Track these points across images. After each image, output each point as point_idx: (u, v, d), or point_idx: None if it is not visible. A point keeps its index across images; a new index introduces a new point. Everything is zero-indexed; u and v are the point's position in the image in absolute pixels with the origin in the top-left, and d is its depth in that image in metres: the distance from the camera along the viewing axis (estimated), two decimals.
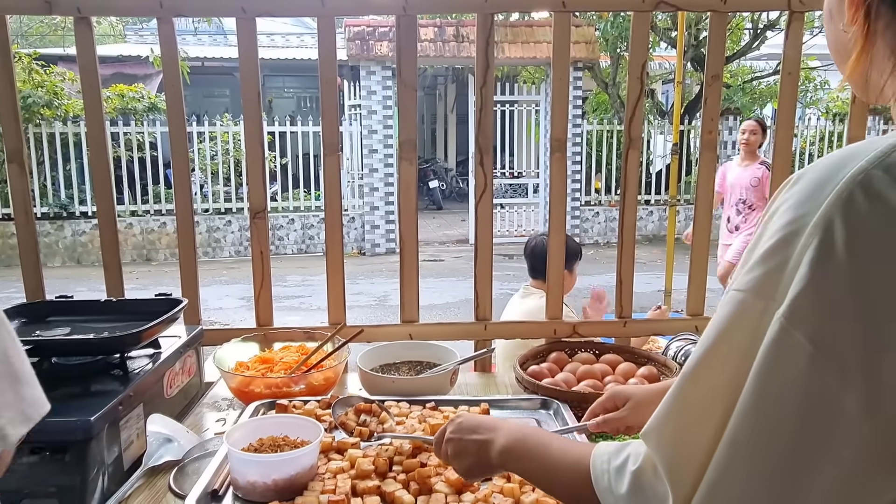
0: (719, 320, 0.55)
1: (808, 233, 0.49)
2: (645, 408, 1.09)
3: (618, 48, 10.41)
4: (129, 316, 1.39)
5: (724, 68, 1.60)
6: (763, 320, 0.51)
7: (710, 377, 0.55)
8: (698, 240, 1.68)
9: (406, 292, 1.66)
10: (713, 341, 0.55)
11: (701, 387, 0.55)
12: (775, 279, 0.51)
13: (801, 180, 0.53)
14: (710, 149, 1.63)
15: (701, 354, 0.56)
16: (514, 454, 0.80)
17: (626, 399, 1.11)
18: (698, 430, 0.54)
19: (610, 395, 1.14)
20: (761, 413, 0.50)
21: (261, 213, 1.61)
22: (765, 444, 0.50)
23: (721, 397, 0.53)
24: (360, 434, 1.13)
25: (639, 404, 1.10)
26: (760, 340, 0.50)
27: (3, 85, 1.51)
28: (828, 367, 0.47)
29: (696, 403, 0.56)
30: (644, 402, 1.10)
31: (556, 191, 1.63)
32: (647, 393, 1.12)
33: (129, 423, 1.16)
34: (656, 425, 0.59)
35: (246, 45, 1.54)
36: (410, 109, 1.58)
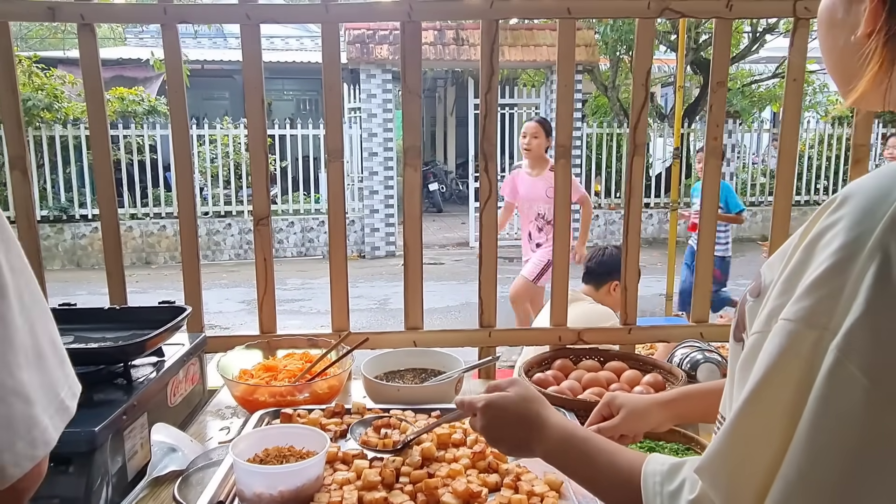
0: (770, 353, 0.53)
1: (863, 258, 0.47)
2: (638, 418, 1.08)
3: (617, 51, 10.43)
4: (132, 324, 1.39)
5: (727, 77, 1.59)
6: (817, 351, 0.49)
7: (763, 411, 0.53)
8: (703, 246, 1.68)
9: (410, 299, 1.65)
10: (765, 375, 0.53)
11: (755, 421, 0.54)
12: (829, 308, 0.49)
13: (849, 202, 0.51)
14: (716, 155, 1.63)
15: (753, 388, 0.54)
16: (559, 452, 0.80)
17: (619, 407, 1.11)
18: (754, 465, 0.53)
19: (604, 403, 1.13)
20: (817, 447, 0.49)
21: (264, 219, 1.60)
22: (821, 480, 0.48)
23: (776, 431, 0.52)
24: (384, 446, 1.10)
25: (631, 413, 1.09)
26: (815, 372, 0.49)
27: (6, 91, 1.50)
28: (884, 401, 0.46)
29: (750, 438, 0.54)
30: (637, 412, 1.09)
31: (561, 197, 1.63)
32: (639, 402, 1.11)
33: (133, 432, 1.16)
34: (711, 461, 0.57)
35: (250, 51, 1.53)
36: (415, 115, 1.57)
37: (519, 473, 1.05)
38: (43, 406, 0.55)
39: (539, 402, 0.86)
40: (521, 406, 0.85)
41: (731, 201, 5.07)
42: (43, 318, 0.59)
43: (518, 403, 0.85)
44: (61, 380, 0.59)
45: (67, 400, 0.59)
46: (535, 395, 0.87)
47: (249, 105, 1.56)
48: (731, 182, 10.41)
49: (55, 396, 0.57)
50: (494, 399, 0.87)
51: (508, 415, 0.85)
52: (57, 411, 0.57)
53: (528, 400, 0.86)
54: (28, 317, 0.55)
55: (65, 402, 0.58)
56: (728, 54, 1.58)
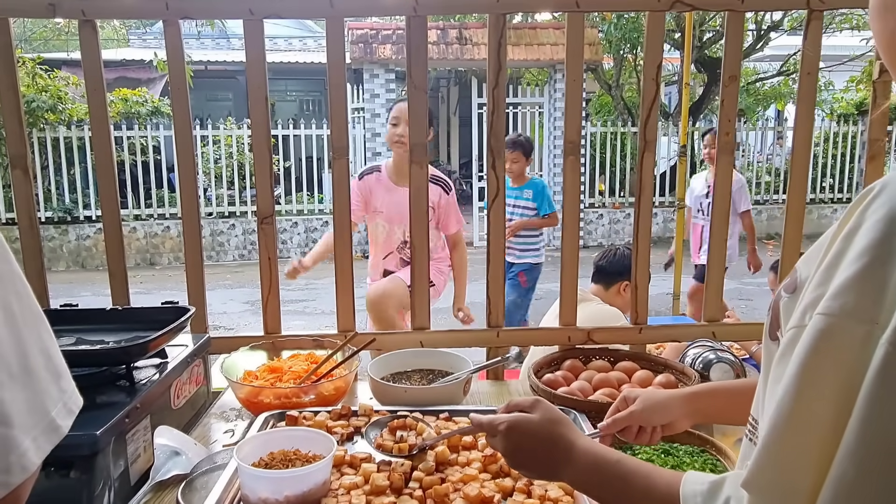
0: (807, 351, 0.50)
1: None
2: (655, 409, 1.06)
3: (621, 50, 10.39)
4: (135, 325, 1.37)
5: (739, 72, 1.56)
6: (866, 347, 0.47)
7: (807, 414, 0.50)
8: (715, 244, 1.65)
9: (417, 299, 1.63)
10: (804, 375, 0.50)
11: (798, 425, 0.51)
12: (875, 301, 0.47)
13: (885, 192, 0.49)
14: (728, 151, 1.59)
15: (793, 390, 0.51)
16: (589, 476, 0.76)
17: (634, 399, 1.10)
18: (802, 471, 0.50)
19: (622, 398, 1.12)
20: (870, 447, 0.46)
21: (268, 217, 1.58)
22: (875, 481, 0.46)
23: (822, 433, 0.49)
24: (399, 451, 1.07)
25: (648, 403, 1.07)
26: (863, 369, 0.46)
27: (7, 89, 1.48)
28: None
29: (795, 443, 0.51)
30: (655, 403, 1.07)
31: (570, 194, 1.60)
32: (658, 394, 1.10)
33: (136, 435, 1.13)
34: (756, 473, 0.54)
35: (253, 46, 1.51)
36: (421, 112, 1.55)
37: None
38: (25, 427, 0.50)
39: (565, 425, 0.82)
40: (546, 429, 0.81)
41: (545, 202, 4.29)
42: (35, 329, 0.54)
43: (543, 426, 0.81)
44: (54, 397, 0.54)
45: (60, 419, 0.54)
46: (560, 416, 0.83)
47: (253, 100, 1.54)
48: None
49: (43, 416, 0.53)
50: (518, 421, 0.82)
51: (533, 439, 0.81)
52: (43, 432, 0.52)
53: (554, 422, 0.82)
54: (14, 328, 0.51)
55: (55, 422, 0.54)
56: (740, 48, 1.55)
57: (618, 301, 2.75)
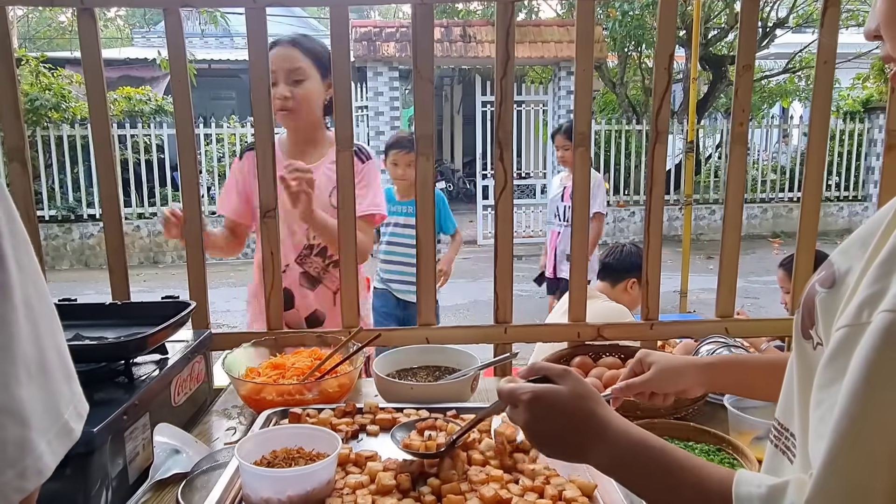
0: (875, 350, 0.47)
1: None
2: (671, 376, 1.05)
3: (625, 47, 10.34)
4: (134, 320, 1.33)
5: (754, 61, 1.52)
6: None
7: (878, 418, 0.47)
8: (729, 238, 1.61)
9: (423, 295, 1.59)
10: (873, 376, 0.47)
11: (869, 430, 0.47)
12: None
13: None
14: (741, 142, 1.55)
15: (861, 394, 0.47)
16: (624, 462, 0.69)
17: (650, 364, 1.07)
18: (872, 478, 0.47)
19: (637, 360, 1.10)
20: None
21: (271, 211, 1.55)
22: None
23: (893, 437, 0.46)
24: (427, 448, 1.02)
25: (663, 371, 1.05)
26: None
27: (4, 79, 1.45)
28: None
29: (866, 450, 0.48)
30: (670, 370, 1.05)
31: (581, 188, 1.56)
32: (674, 361, 1.07)
33: (135, 433, 1.10)
34: (822, 486, 0.50)
35: (256, 36, 1.48)
36: (427, 103, 1.51)
37: (548, 476, 0.99)
38: (41, 429, 0.47)
39: (597, 401, 0.74)
40: (576, 403, 0.72)
41: (446, 220, 3.57)
42: (51, 325, 0.52)
43: (572, 400, 0.73)
44: (66, 398, 0.52)
45: (72, 422, 0.51)
46: (591, 391, 0.75)
47: (255, 93, 1.50)
48: None
49: (58, 418, 0.50)
50: (544, 392, 0.74)
51: (560, 413, 0.73)
52: (57, 435, 0.49)
53: (584, 397, 0.73)
54: (34, 323, 0.48)
55: (69, 425, 0.51)
56: (755, 36, 1.51)
57: (625, 298, 2.71)
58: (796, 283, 1.63)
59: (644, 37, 10.06)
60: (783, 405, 0.71)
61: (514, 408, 0.77)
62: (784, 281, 2.96)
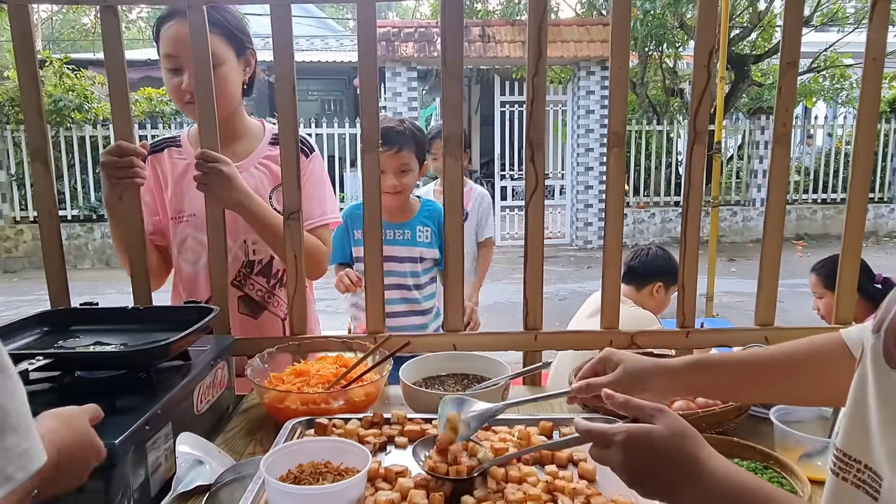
0: None
1: None
2: (636, 382, 0.96)
3: (646, 47, 10.21)
4: (157, 325, 1.30)
5: (798, 56, 1.45)
6: None
7: None
8: (770, 242, 1.54)
9: (450, 299, 1.54)
10: None
11: None
12: None
13: None
14: (784, 143, 1.48)
15: None
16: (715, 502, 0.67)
17: (615, 364, 1.00)
18: None
19: (599, 359, 1.03)
20: None
21: (295, 213, 1.50)
22: None
23: None
24: (457, 473, 0.95)
25: (628, 374, 0.97)
26: None
27: (27, 80, 1.43)
28: None
29: None
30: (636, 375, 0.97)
31: (614, 190, 1.50)
32: (640, 365, 0.99)
33: (157, 443, 1.06)
34: None
35: (280, 34, 1.44)
36: (456, 100, 1.46)
37: (589, 495, 0.93)
38: None
39: (694, 440, 0.72)
40: (673, 444, 0.71)
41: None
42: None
43: (669, 440, 0.71)
44: None
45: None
46: (687, 429, 0.73)
47: (280, 91, 1.46)
48: (764, 180, 10.12)
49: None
50: (639, 433, 0.73)
51: (655, 454, 0.71)
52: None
53: (681, 436, 0.72)
54: None
55: None
56: (800, 30, 1.44)
57: (650, 303, 2.63)
58: (840, 290, 1.56)
59: (665, 36, 9.92)
60: (852, 437, 0.65)
61: (605, 448, 0.75)
62: (816, 286, 2.87)
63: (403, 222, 2.23)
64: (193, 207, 1.57)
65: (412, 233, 2.23)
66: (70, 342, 1.24)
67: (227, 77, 1.53)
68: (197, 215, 1.56)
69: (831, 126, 10.85)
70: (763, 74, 11.83)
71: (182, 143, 1.64)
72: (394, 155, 2.12)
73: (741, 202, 10.42)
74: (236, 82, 1.57)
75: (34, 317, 1.30)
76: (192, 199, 1.56)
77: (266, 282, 1.63)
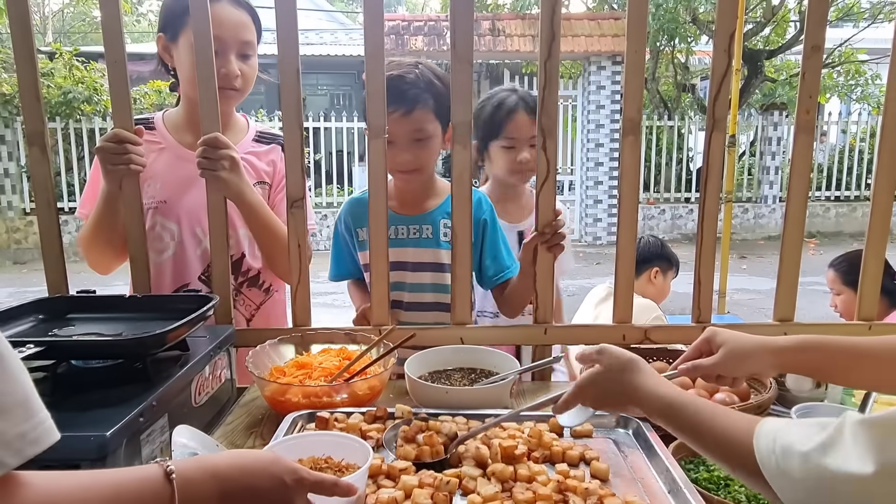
0: None
1: None
2: (740, 359, 1.02)
3: (657, 41, 10.10)
4: (154, 314, 1.26)
5: (823, 41, 1.39)
6: None
7: None
8: (790, 236, 1.48)
9: (458, 291, 1.50)
10: None
11: None
12: None
13: None
14: (808, 131, 1.42)
15: None
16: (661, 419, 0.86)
17: (719, 345, 1.03)
18: None
19: (704, 338, 1.07)
20: None
21: (299, 201, 1.46)
22: None
23: None
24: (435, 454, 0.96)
25: (732, 353, 1.02)
26: None
27: (23, 61, 1.39)
28: None
29: None
30: (739, 352, 1.01)
31: (629, 178, 1.45)
32: (745, 342, 1.02)
33: (152, 436, 1.02)
34: None
35: (285, 20, 1.39)
36: (465, 87, 1.41)
37: (602, 496, 0.89)
38: None
39: (631, 370, 0.91)
40: (610, 376, 0.92)
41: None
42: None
43: (607, 374, 0.93)
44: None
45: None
46: (626, 362, 0.92)
47: (284, 78, 1.42)
48: (776, 176, 10.00)
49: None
50: (585, 378, 0.95)
51: (604, 387, 0.93)
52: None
53: (619, 370, 0.92)
54: None
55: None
56: (826, 13, 1.38)
57: (649, 290, 2.61)
58: (864, 288, 1.50)
59: (677, 31, 9.81)
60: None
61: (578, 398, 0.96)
62: (834, 283, 2.80)
63: (421, 215, 1.59)
64: (164, 194, 1.51)
65: (434, 230, 1.57)
66: (66, 330, 1.21)
67: (256, 67, 1.54)
68: (167, 203, 1.51)
69: (845, 123, 10.70)
70: (776, 70, 11.68)
71: (156, 125, 1.57)
72: (403, 117, 1.48)
73: (753, 199, 10.29)
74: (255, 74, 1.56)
75: (30, 304, 1.26)
76: (164, 185, 1.51)
77: (234, 279, 1.55)
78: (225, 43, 1.43)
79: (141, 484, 0.64)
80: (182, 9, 1.40)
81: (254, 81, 1.54)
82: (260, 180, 1.56)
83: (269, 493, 0.71)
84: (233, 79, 1.46)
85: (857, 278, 1.53)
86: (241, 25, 1.47)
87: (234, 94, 1.50)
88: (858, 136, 10.27)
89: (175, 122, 1.56)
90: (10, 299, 6.68)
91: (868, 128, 10.19)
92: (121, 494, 0.62)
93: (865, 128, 10.26)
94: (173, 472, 0.65)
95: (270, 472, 0.73)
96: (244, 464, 0.72)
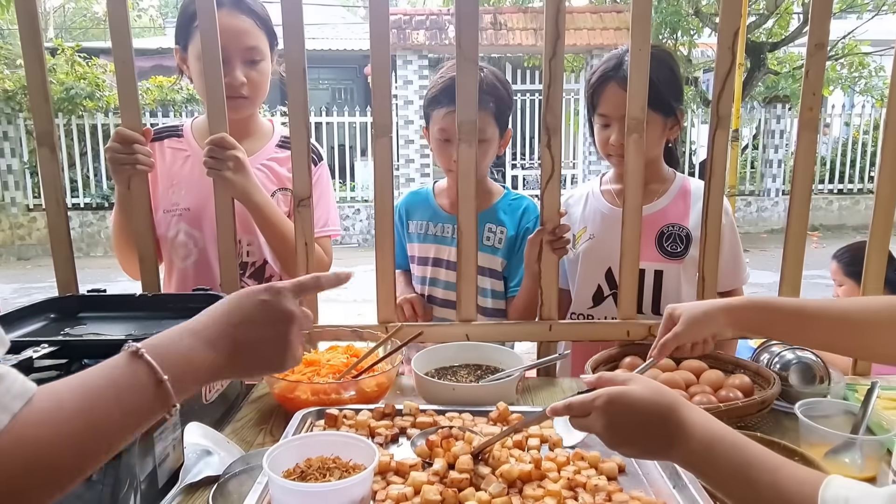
0: None
1: None
2: (700, 323, 1.08)
3: (661, 35, 10.06)
4: (165, 312, 1.28)
5: (827, 38, 1.40)
6: None
7: None
8: (794, 231, 1.49)
9: (464, 288, 1.51)
10: None
11: None
12: None
13: None
14: (811, 128, 1.43)
15: None
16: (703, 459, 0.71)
17: (678, 316, 1.11)
18: None
19: (666, 316, 1.14)
20: None
21: (305, 200, 1.47)
22: None
23: None
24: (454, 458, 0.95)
25: (691, 319, 1.09)
26: None
27: (32, 61, 1.40)
28: None
29: None
30: (697, 317, 1.09)
31: (634, 176, 1.46)
32: (699, 306, 1.11)
33: (165, 433, 1.04)
34: None
35: (290, 18, 1.40)
36: (470, 86, 1.42)
37: (610, 492, 0.90)
38: None
39: (673, 397, 0.74)
40: (652, 401, 0.73)
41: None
42: None
43: (647, 398, 0.73)
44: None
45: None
46: (664, 388, 0.76)
47: (290, 71, 1.43)
48: (779, 169, 9.98)
49: None
50: (619, 394, 0.73)
51: (639, 413, 0.72)
52: None
53: (659, 393, 0.74)
54: None
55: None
56: (830, 10, 1.38)
57: None
58: (867, 280, 1.50)
59: (680, 24, 9.76)
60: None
61: (585, 416, 0.76)
62: (837, 273, 2.81)
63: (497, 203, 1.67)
64: (188, 201, 1.53)
65: (479, 231, 1.57)
66: (77, 329, 1.22)
67: (266, 72, 1.52)
68: (192, 210, 1.53)
69: (849, 115, 10.67)
70: (779, 63, 11.63)
71: (184, 133, 1.59)
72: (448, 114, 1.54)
73: (755, 192, 10.28)
74: (268, 80, 1.54)
75: (41, 303, 1.28)
76: (189, 192, 1.53)
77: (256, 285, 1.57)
78: (227, 52, 1.42)
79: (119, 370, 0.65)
80: (189, 19, 1.42)
81: (267, 85, 1.53)
82: (282, 186, 1.56)
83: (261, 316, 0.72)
84: (238, 88, 1.47)
85: (858, 269, 1.54)
86: (243, 32, 1.46)
87: (243, 103, 1.50)
88: (862, 129, 10.24)
89: (201, 130, 1.56)
90: (14, 295, 6.72)
91: (871, 120, 10.17)
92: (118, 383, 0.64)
93: (869, 120, 10.24)
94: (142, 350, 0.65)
95: (250, 302, 0.73)
96: (218, 313, 0.72)
